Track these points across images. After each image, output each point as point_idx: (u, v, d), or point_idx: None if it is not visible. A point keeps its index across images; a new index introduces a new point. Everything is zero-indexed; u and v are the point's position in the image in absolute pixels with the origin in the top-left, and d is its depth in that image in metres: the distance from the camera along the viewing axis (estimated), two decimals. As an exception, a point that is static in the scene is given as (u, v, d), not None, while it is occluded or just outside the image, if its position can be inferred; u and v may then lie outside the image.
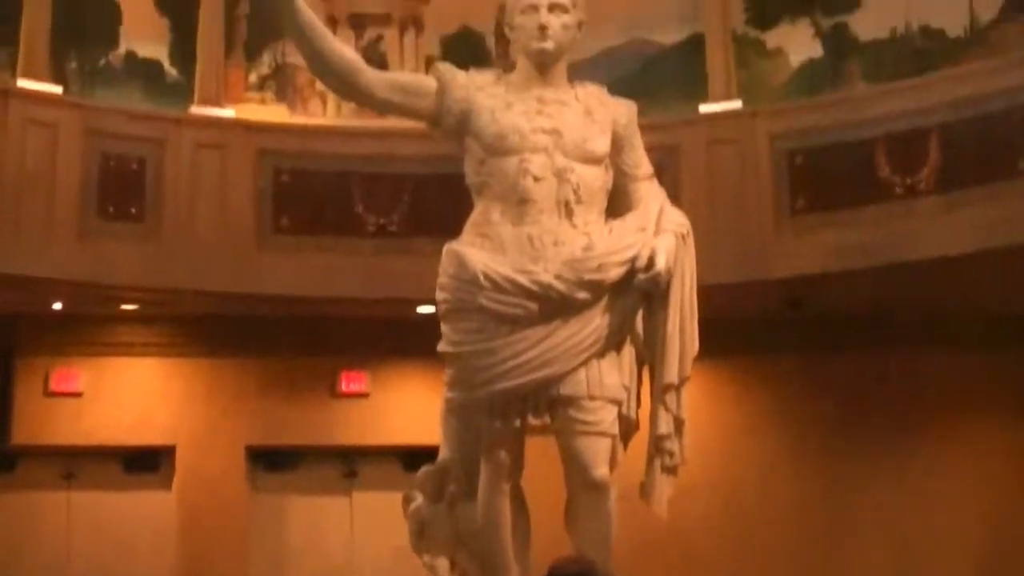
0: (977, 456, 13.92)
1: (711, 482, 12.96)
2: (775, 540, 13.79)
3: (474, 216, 5.90)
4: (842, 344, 13.87)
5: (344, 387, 14.06)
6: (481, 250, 5.75)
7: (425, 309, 8.14)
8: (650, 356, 5.91)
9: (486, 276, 5.65)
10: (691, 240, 5.95)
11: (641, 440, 5.93)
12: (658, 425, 5.85)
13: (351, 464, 14.39)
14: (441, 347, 5.81)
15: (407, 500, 6.19)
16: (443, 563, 6.06)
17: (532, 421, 5.73)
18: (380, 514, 12.71)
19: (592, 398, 5.72)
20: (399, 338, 13.02)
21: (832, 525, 13.83)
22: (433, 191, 11.95)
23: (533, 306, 5.63)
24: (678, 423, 5.90)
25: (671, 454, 5.89)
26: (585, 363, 5.71)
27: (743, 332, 13.03)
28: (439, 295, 5.82)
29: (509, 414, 5.71)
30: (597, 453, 5.73)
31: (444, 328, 5.81)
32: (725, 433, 13.84)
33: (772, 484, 13.97)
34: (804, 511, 13.87)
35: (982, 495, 13.76)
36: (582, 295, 5.67)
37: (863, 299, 13.08)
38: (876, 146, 12.02)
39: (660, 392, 5.88)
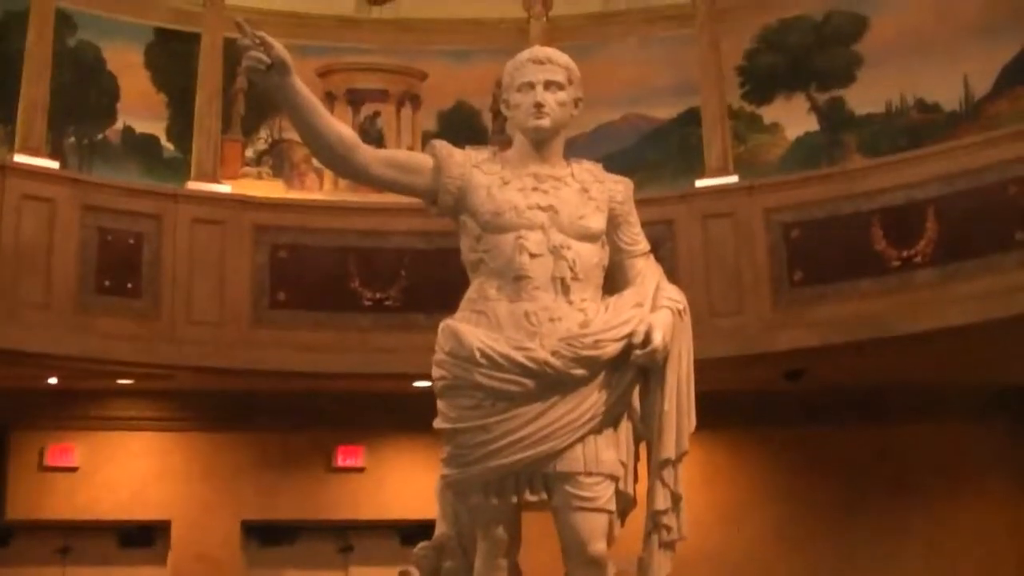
0: (978, 528, 13.90)
1: (709, 556, 12.92)
2: (775, 615, 13.76)
3: (470, 293, 5.88)
4: (840, 416, 13.88)
5: (340, 462, 14.06)
6: (477, 327, 5.73)
7: (421, 384, 8.10)
8: (647, 432, 5.87)
9: (482, 353, 5.61)
10: (688, 316, 5.94)
11: (639, 516, 5.90)
12: (656, 500, 5.81)
13: (347, 539, 14.36)
14: (437, 424, 5.78)
15: (404, 577, 6.16)
16: (440, 640, 6.03)
17: (529, 498, 5.69)
18: (376, 589, 12.68)
19: (589, 474, 5.67)
20: (395, 413, 13.01)
21: (832, 599, 13.80)
22: (430, 266, 11.97)
23: (529, 383, 5.60)
24: (676, 498, 5.85)
25: (669, 529, 5.84)
26: (582, 439, 5.66)
27: (740, 405, 13.04)
28: (435, 372, 5.78)
29: (505, 491, 5.67)
30: (594, 529, 5.68)
31: (440, 405, 5.77)
32: (723, 507, 13.83)
33: (771, 558, 13.94)
34: (804, 585, 13.85)
35: (983, 568, 13.72)
36: (579, 371, 5.64)
37: (861, 372, 13.08)
38: (872, 219, 12.05)
39: (658, 467, 5.83)
